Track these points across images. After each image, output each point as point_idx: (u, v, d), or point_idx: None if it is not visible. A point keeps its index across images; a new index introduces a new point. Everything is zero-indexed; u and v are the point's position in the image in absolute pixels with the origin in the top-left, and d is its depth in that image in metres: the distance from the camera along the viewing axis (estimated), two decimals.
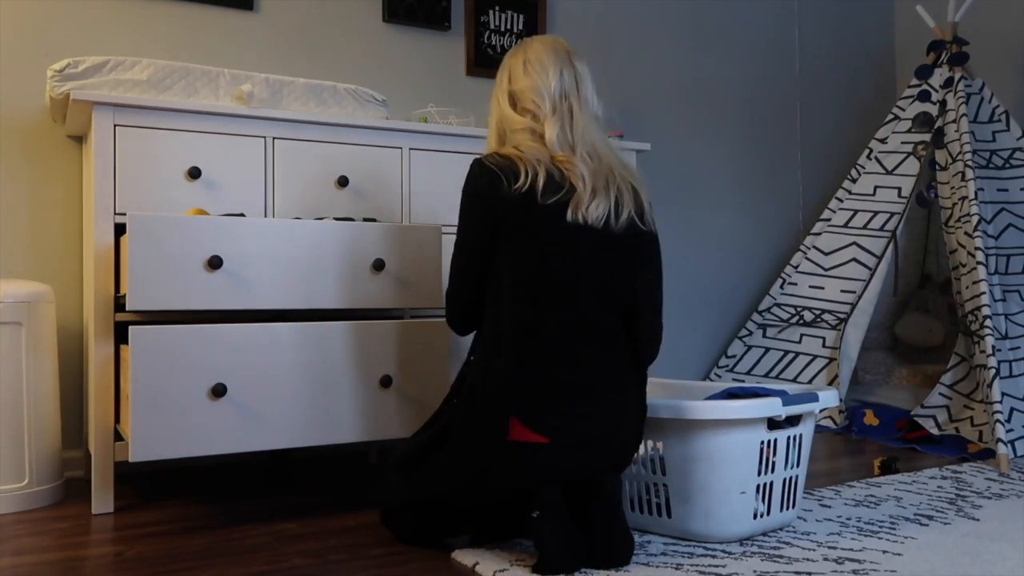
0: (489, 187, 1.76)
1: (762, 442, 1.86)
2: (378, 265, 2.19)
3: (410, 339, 2.20)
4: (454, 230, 2.53)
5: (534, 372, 1.70)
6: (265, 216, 2.34)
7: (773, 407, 1.85)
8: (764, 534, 1.91)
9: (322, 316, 2.27)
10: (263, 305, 2.08)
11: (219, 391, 1.98)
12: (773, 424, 1.88)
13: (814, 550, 1.80)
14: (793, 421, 1.93)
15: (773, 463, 1.90)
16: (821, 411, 2.12)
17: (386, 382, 2.17)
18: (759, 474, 1.86)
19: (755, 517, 1.88)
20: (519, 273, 1.73)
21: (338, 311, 2.22)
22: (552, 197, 1.74)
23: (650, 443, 1.92)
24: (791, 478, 1.95)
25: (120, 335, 2.17)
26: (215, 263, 2.01)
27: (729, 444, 1.83)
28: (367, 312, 2.28)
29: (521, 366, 1.70)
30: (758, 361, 3.56)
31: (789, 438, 1.92)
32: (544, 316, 1.72)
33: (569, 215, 1.74)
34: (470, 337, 1.93)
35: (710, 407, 1.82)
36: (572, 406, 1.70)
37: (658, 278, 1.88)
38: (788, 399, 1.88)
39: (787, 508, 1.96)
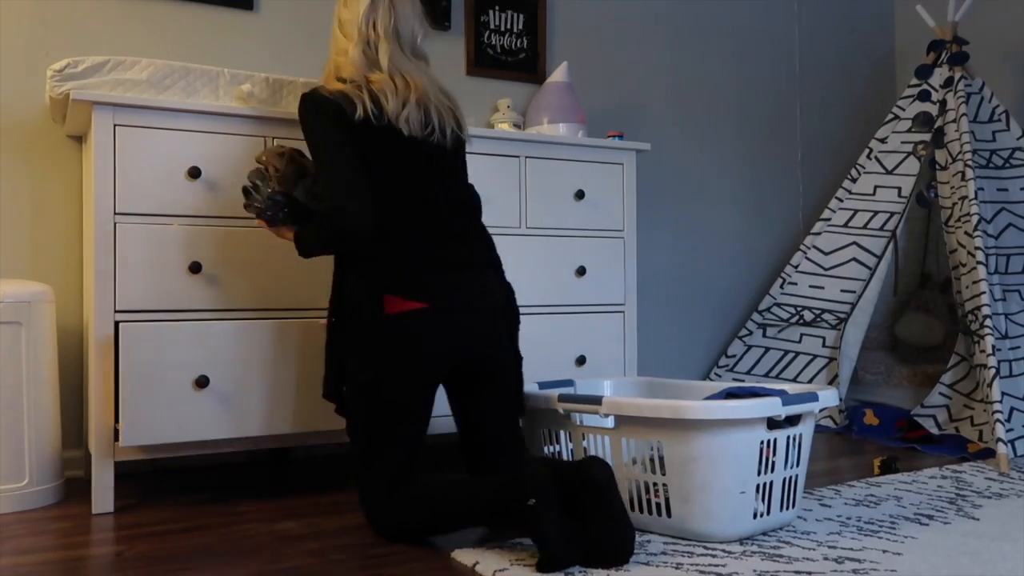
0: (335, 109, 1.94)
1: (762, 442, 1.86)
2: None
3: None
4: None
5: (399, 261, 1.92)
6: None
7: (773, 407, 1.84)
8: (764, 534, 1.91)
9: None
10: (242, 305, 2.29)
11: (202, 382, 2.15)
12: (773, 424, 1.88)
13: (814, 550, 1.80)
14: (793, 421, 1.93)
15: (773, 463, 1.89)
16: (821, 411, 2.12)
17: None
18: (759, 474, 1.86)
19: (755, 517, 1.88)
20: (375, 189, 1.93)
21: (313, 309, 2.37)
22: (383, 120, 1.96)
23: (649, 442, 1.93)
24: (791, 478, 1.95)
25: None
26: (194, 268, 2.22)
27: (729, 444, 1.83)
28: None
29: (390, 257, 1.92)
30: (758, 361, 3.57)
31: (789, 438, 1.92)
32: (399, 222, 1.94)
33: (404, 131, 1.98)
34: None
35: (710, 407, 1.82)
36: (443, 279, 1.94)
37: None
38: (788, 399, 1.88)
39: (787, 508, 1.96)
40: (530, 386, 2.27)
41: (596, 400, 1.95)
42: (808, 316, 3.50)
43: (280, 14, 2.92)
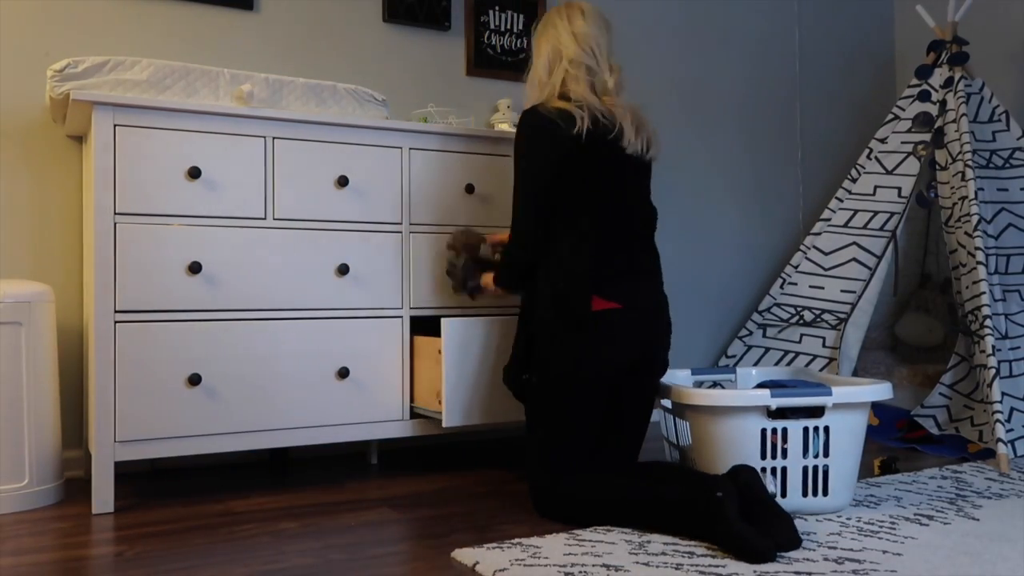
0: (550, 126, 2.13)
1: (763, 429, 2.03)
2: (342, 269, 2.42)
3: (366, 334, 2.46)
4: (452, 229, 2.58)
5: (602, 263, 2.11)
6: (265, 216, 2.34)
7: (761, 398, 2.03)
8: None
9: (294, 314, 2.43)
10: (238, 306, 2.31)
11: (194, 380, 2.23)
12: (780, 413, 2.02)
13: (814, 550, 1.80)
14: (813, 413, 2.06)
15: (784, 450, 2.02)
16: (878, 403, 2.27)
17: (344, 373, 2.39)
18: (762, 458, 2.03)
19: None
20: (585, 195, 2.14)
21: (303, 309, 2.40)
22: (608, 134, 2.16)
23: (671, 418, 2.30)
24: (816, 467, 2.06)
25: None
26: (194, 268, 2.23)
27: (729, 428, 2.04)
28: (332, 311, 2.44)
29: (596, 259, 2.11)
30: (758, 361, 3.56)
31: (807, 429, 2.05)
32: (603, 227, 2.14)
33: (625, 148, 2.18)
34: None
35: (703, 395, 2.07)
36: (633, 283, 2.14)
37: None
38: (779, 392, 2.03)
39: (815, 495, 2.06)
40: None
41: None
42: (808, 316, 3.50)
43: (280, 14, 2.92)
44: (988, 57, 3.69)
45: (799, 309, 3.54)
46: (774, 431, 2.05)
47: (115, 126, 2.18)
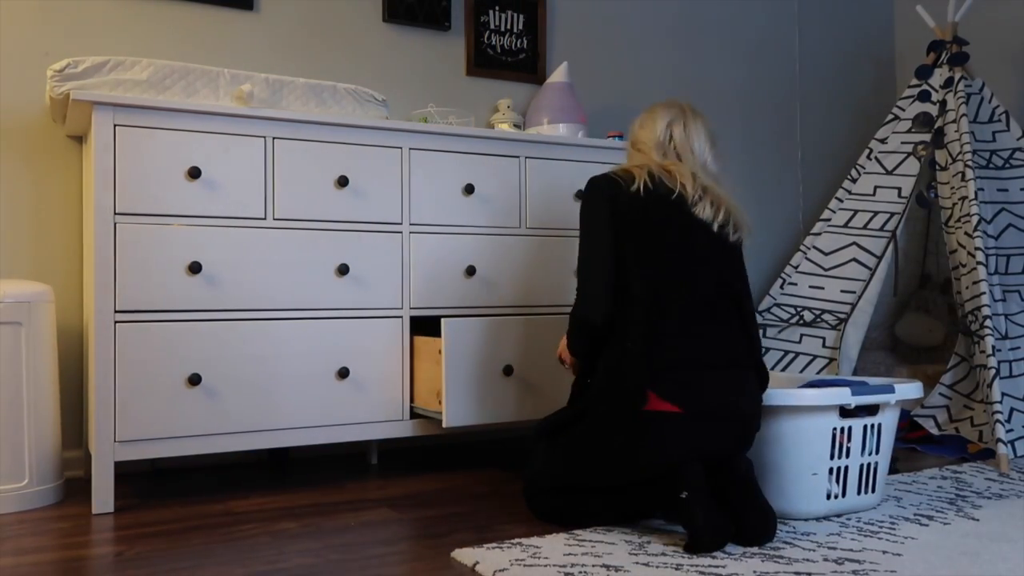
0: (608, 183, 2.04)
1: (834, 428, 2.02)
2: (342, 269, 2.43)
3: (366, 334, 2.46)
4: (451, 230, 2.59)
5: (663, 347, 1.89)
6: (265, 216, 2.34)
7: (842, 396, 2.01)
8: (840, 515, 2.06)
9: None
10: (238, 306, 2.31)
11: (194, 380, 2.23)
12: (847, 412, 2.02)
13: (814, 550, 1.80)
14: (871, 410, 2.08)
15: (848, 448, 2.03)
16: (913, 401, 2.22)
17: (344, 373, 2.40)
18: (832, 458, 2.02)
19: (828, 498, 2.01)
20: (642, 260, 1.96)
21: (303, 309, 2.41)
22: (665, 193, 2.00)
23: None
24: (869, 464, 2.08)
25: None
26: (194, 268, 2.23)
27: (800, 429, 2.01)
28: (332, 311, 2.44)
29: (651, 342, 1.89)
30: None
31: (866, 426, 2.05)
32: (667, 296, 1.93)
33: (682, 209, 2.00)
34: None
35: (780, 395, 2.00)
36: (701, 378, 1.89)
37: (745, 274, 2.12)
38: (858, 390, 2.02)
39: (865, 492, 2.08)
40: None
41: None
42: (808, 316, 3.50)
43: (280, 14, 2.92)
44: (988, 57, 3.69)
45: (799, 309, 3.54)
46: (842, 430, 2.04)
47: (115, 126, 2.18)
